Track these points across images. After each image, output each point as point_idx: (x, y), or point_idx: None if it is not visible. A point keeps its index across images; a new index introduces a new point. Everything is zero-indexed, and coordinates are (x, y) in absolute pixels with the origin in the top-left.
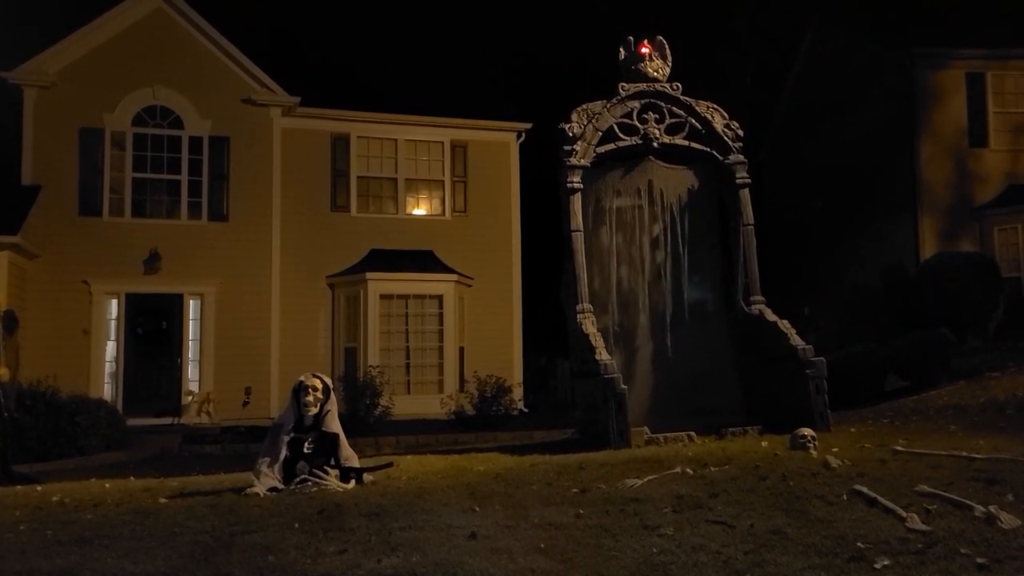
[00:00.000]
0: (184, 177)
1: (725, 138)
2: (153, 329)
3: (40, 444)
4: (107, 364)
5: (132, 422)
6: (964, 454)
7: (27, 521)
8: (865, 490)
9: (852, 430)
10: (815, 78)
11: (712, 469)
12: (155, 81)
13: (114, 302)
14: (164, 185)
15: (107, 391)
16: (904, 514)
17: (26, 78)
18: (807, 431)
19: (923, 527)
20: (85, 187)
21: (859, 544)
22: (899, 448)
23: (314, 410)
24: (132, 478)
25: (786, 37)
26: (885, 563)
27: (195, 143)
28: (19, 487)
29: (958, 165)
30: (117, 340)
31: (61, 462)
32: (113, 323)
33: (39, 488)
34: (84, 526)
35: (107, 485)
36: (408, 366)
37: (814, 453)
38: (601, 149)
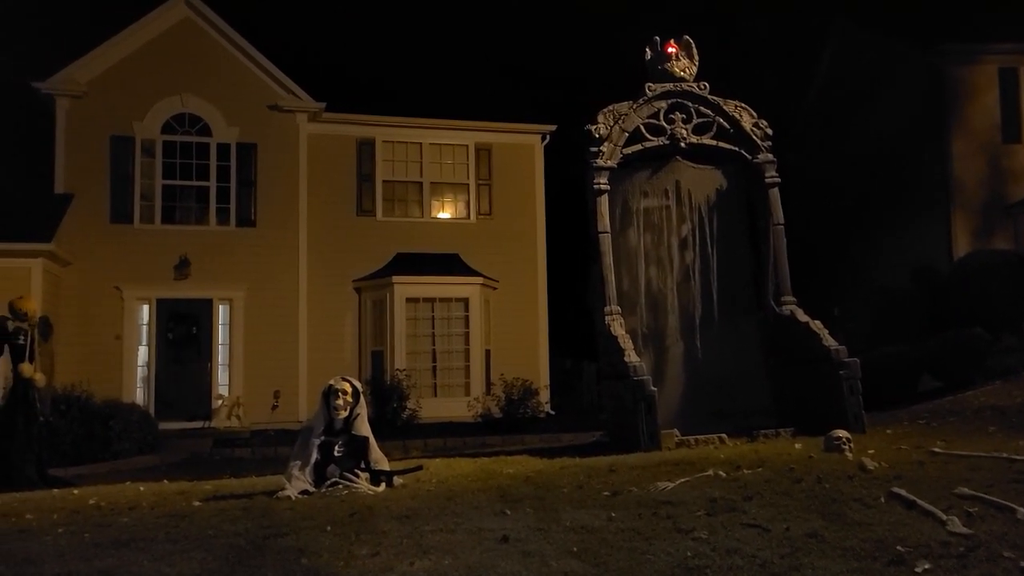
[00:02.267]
0: (212, 183)
1: (754, 137)
2: (184, 334)
3: (74, 448)
4: (139, 369)
5: (164, 426)
6: (1004, 455)
7: (65, 524)
8: (903, 492)
9: (888, 432)
10: (842, 76)
11: (745, 472)
12: (183, 89)
13: (145, 308)
14: (193, 192)
15: (139, 396)
16: (944, 517)
17: (58, 88)
18: (842, 433)
19: (964, 530)
20: (116, 194)
21: (898, 548)
22: (937, 450)
23: (344, 413)
24: (165, 481)
25: (811, 35)
26: (926, 567)
27: (223, 150)
28: (55, 491)
29: (991, 162)
30: (148, 345)
31: (95, 466)
32: (144, 328)
33: (75, 491)
34: (120, 529)
35: (141, 488)
36: (435, 369)
37: (849, 455)
38: (628, 150)
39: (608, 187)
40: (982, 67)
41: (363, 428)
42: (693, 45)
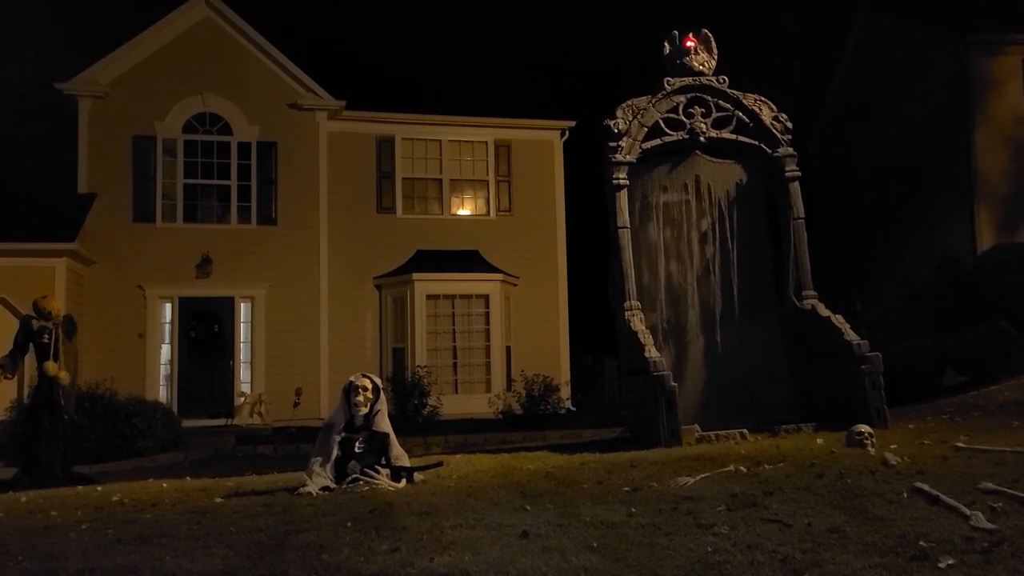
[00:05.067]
0: (233, 182)
1: (773, 131)
2: (206, 332)
3: (99, 446)
4: (162, 367)
5: (187, 423)
6: None
7: (88, 521)
8: (926, 487)
9: (911, 427)
10: (864, 69)
11: (766, 467)
12: (204, 88)
13: (168, 306)
14: (214, 190)
15: (162, 393)
16: (968, 512)
17: (81, 88)
18: (864, 428)
19: (988, 525)
20: (139, 194)
21: (921, 543)
22: (961, 444)
23: (364, 410)
24: (188, 478)
25: (833, 27)
26: (950, 562)
27: (244, 148)
28: (80, 488)
29: (1016, 154)
30: (171, 343)
31: (119, 463)
32: (167, 327)
33: (99, 488)
34: (143, 525)
35: (164, 485)
36: (455, 366)
37: (872, 450)
38: (647, 145)
39: (627, 182)
40: (1006, 58)
41: (383, 424)
42: (712, 39)
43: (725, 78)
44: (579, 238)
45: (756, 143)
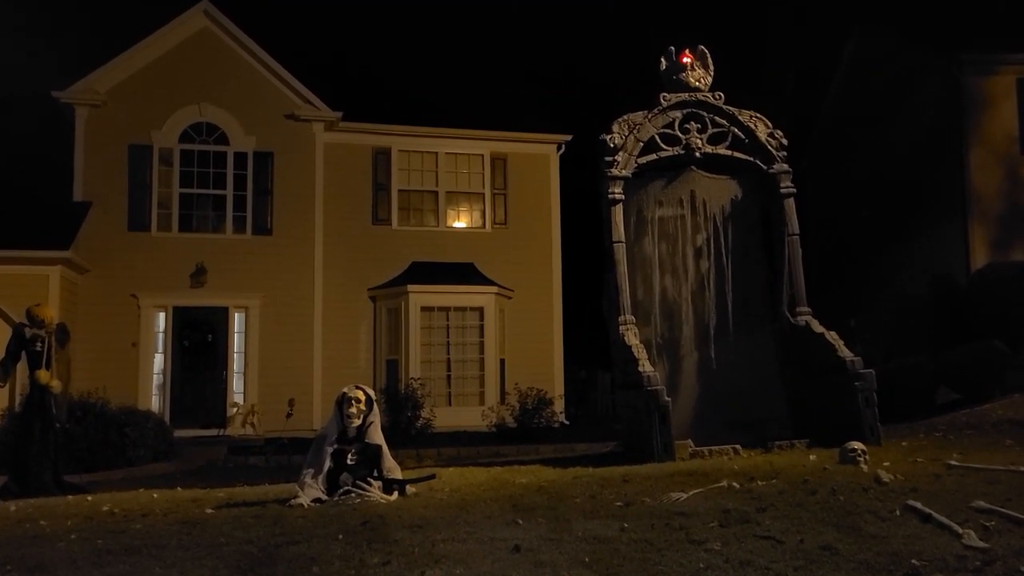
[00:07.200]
0: (229, 192)
1: (769, 147)
2: (199, 342)
3: (90, 455)
4: (155, 376)
5: (179, 433)
6: (1022, 469)
7: (78, 531)
8: (919, 505)
9: (904, 444)
10: (858, 85)
11: (759, 483)
12: (201, 98)
13: (162, 315)
14: (210, 200)
15: (155, 403)
16: (960, 530)
17: (77, 97)
18: (857, 445)
19: (981, 544)
20: (134, 203)
21: (913, 561)
22: (953, 463)
23: (357, 422)
24: (179, 489)
25: (828, 44)
26: None
27: (240, 159)
28: (70, 497)
29: (1009, 172)
30: (164, 353)
31: (110, 472)
32: (161, 336)
33: (89, 498)
34: (133, 536)
35: (155, 495)
36: (449, 378)
37: (865, 467)
38: (642, 160)
39: (623, 196)
40: (1000, 78)
41: (376, 436)
42: (708, 55)
43: (721, 94)
44: (574, 251)
45: (751, 159)
